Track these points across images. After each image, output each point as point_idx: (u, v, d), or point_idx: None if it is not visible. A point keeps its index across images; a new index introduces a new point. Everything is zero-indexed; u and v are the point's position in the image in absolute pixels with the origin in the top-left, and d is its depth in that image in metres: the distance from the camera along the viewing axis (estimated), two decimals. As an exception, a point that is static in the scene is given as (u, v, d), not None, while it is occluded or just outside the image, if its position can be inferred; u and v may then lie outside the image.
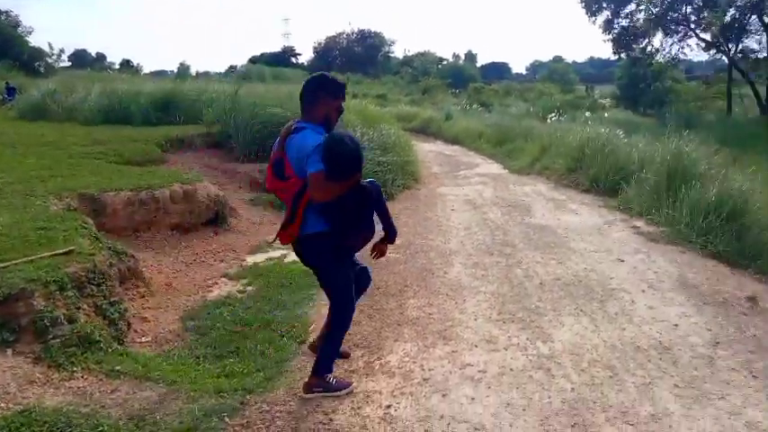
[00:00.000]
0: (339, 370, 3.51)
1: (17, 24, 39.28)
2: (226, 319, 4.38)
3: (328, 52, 55.65)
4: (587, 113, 16.78)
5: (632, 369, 3.48)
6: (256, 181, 8.88)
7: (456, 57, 65.79)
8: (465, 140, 17.11)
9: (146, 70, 45.20)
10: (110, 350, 3.41)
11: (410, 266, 5.52)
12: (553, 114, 17.09)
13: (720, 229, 5.95)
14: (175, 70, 36.14)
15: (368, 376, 3.44)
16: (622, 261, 5.62)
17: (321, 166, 2.77)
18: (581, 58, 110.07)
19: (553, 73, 49.86)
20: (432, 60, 56.41)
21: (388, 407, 3.07)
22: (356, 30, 57.16)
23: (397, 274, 5.31)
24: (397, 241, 6.33)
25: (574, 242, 6.32)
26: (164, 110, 12.39)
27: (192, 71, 34.81)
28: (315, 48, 56.61)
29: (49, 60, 38.96)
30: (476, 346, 3.79)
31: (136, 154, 8.68)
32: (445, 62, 58.74)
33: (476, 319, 4.24)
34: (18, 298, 3.25)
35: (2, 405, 2.67)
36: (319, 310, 4.61)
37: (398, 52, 66.72)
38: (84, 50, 52.89)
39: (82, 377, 3.08)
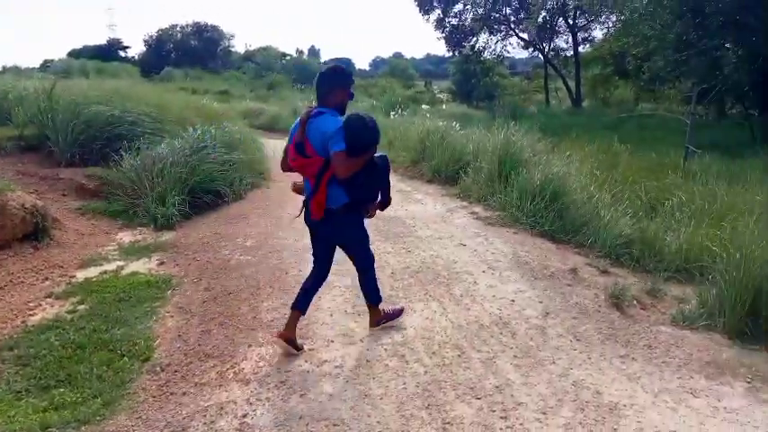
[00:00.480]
0: (188, 384, 3.30)
1: None
2: (53, 344, 3.88)
3: (162, 45, 51.96)
4: (425, 107, 17.65)
5: (477, 346, 3.73)
6: (83, 186, 8.01)
7: (299, 52, 65.40)
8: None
9: None
10: None
11: (263, 268, 5.37)
12: (396, 109, 17.75)
13: (545, 209, 6.63)
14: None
15: (221, 387, 3.27)
16: (464, 245, 6.02)
17: (343, 146, 3.25)
18: (419, 54, 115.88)
19: (394, 69, 51.84)
20: (274, 55, 55.39)
21: (244, 416, 2.95)
22: (191, 22, 54.12)
23: (249, 277, 5.13)
24: (248, 243, 6.18)
25: (420, 230, 6.63)
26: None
27: (-1, 66, 30.24)
28: (146, 41, 52.42)
29: None
30: (332, 342, 3.80)
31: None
32: (288, 57, 58.10)
33: (332, 315, 4.25)
34: None
35: None
36: (164, 322, 4.31)
37: (239, 47, 64.44)
38: None
39: None
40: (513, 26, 26.07)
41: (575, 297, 4.64)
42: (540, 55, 27.13)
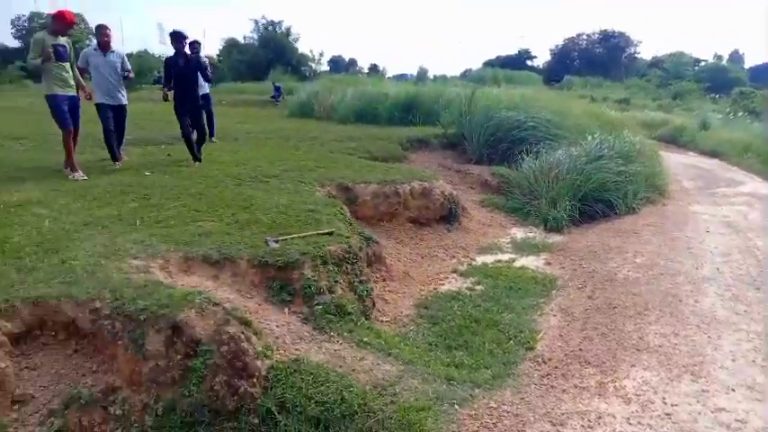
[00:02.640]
0: (567, 383, 3.43)
1: (288, 33, 45.82)
2: (456, 312, 4.58)
3: (566, 54, 53.43)
4: None
5: None
6: (487, 182, 9.04)
7: (717, 57, 57.50)
8: (726, 153, 14.87)
9: (389, 74, 49.07)
10: (358, 322, 3.85)
11: (653, 289, 5.06)
12: None
13: None
14: (415, 74, 38.47)
15: (600, 397, 3.29)
16: None
17: None
18: None
19: None
20: (686, 62, 50.15)
21: (623, 433, 2.90)
22: (598, 30, 53.80)
23: (636, 295, 4.92)
24: (637, 259, 5.91)
25: None
26: (406, 111, 13.35)
27: (430, 74, 36.64)
28: (552, 50, 54.85)
29: (312, 65, 44.69)
30: (733, 390, 3.33)
31: (381, 151, 9.52)
32: (703, 63, 51.75)
33: (733, 360, 3.72)
34: (294, 267, 3.88)
35: (280, 351, 3.23)
36: (547, 319, 4.55)
37: (646, 53, 60.80)
38: (339, 56, 59.55)
39: (337, 342, 3.53)
40: None
41: None
42: None
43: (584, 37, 54.26)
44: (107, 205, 4.93)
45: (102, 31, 6.98)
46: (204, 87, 9.26)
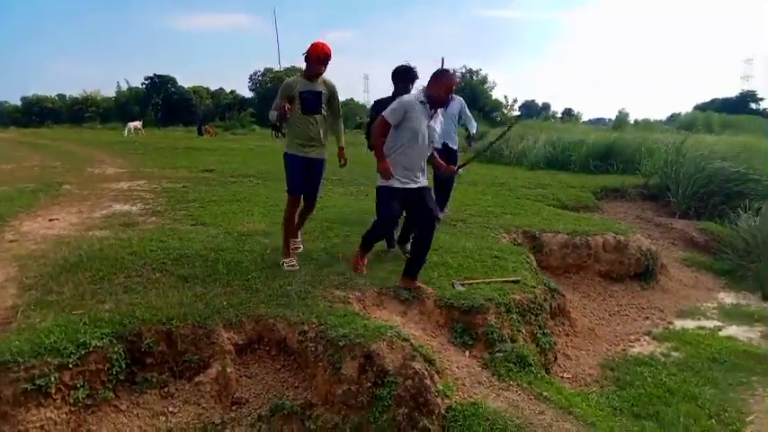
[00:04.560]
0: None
1: (484, 81, 46.91)
2: (646, 379, 4.27)
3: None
4: None
5: None
6: (693, 239, 8.22)
7: None
8: None
9: (584, 118, 47.20)
10: (538, 375, 3.81)
11: None
12: None
13: None
14: (613, 118, 36.40)
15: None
16: None
17: None
18: None
19: None
20: None
21: None
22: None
23: None
24: None
25: None
26: (602, 158, 12.79)
27: (631, 119, 34.32)
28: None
29: (504, 111, 45.07)
30: None
31: (572, 199, 9.27)
32: None
33: None
34: (478, 312, 4.02)
35: (459, 393, 3.37)
36: (761, 399, 3.99)
37: None
38: (532, 101, 58.97)
39: (516, 391, 3.55)
40: None
41: None
42: None
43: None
44: (315, 240, 5.60)
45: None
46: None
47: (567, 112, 50.30)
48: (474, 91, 43.01)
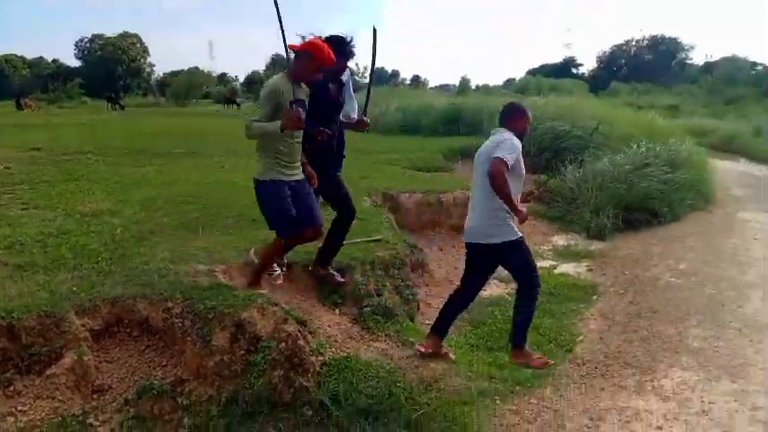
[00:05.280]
0: (606, 383, 3.56)
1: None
2: (497, 317, 4.75)
3: (614, 61, 52.41)
4: None
5: None
6: (530, 192, 9.11)
7: (776, 60, 55.22)
8: (783, 160, 14.46)
9: (431, 84, 49.40)
10: (404, 324, 4.09)
11: (695, 294, 5.10)
12: None
13: None
14: (457, 84, 38.62)
15: (638, 395, 3.40)
16: None
17: None
18: None
19: None
20: (741, 66, 48.35)
21: (659, 428, 3.02)
22: (647, 36, 52.56)
23: (678, 300, 4.97)
24: (681, 266, 5.91)
25: None
26: (448, 122, 13.57)
27: (473, 84, 36.69)
28: (599, 57, 53.90)
29: (357, 78, 45.48)
30: (773, 391, 3.39)
31: (424, 162, 9.77)
32: (760, 67, 49.77)
33: (775, 361, 3.76)
34: (345, 271, 4.16)
35: (333, 349, 3.50)
36: (587, 324, 4.67)
37: (698, 58, 58.89)
38: (381, 68, 60.25)
39: (384, 341, 3.78)
40: None
41: None
42: None
43: (633, 43, 53.11)
44: (170, 214, 5.33)
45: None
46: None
47: (416, 79, 52.26)
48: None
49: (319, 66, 3.42)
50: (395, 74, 56.77)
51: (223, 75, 51.94)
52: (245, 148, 11.25)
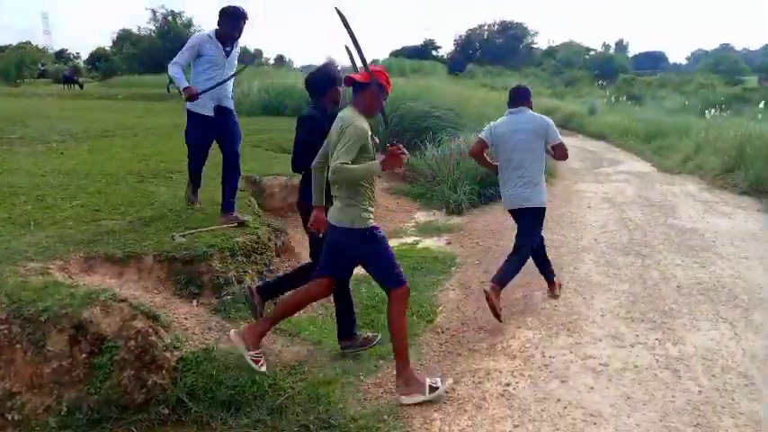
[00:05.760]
0: (462, 348, 3.79)
1: (190, 24, 43.74)
2: (363, 294, 4.83)
3: (469, 44, 55.37)
4: (762, 106, 14.34)
5: (773, 380, 3.31)
6: (393, 172, 9.37)
7: (605, 46, 62.08)
8: (610, 136, 16.30)
9: (296, 65, 48.56)
10: (269, 310, 3.99)
11: (540, 260, 5.59)
12: (716, 109, 15.49)
13: None
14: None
15: (489, 356, 3.66)
16: (778, 270, 5.19)
17: None
18: (755, 45, 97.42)
19: (719, 63, 44.96)
20: (577, 51, 53.69)
21: (507, 385, 3.27)
22: (498, 21, 56.21)
23: (525, 267, 5.40)
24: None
25: (722, 247, 5.91)
26: (313, 103, 13.43)
27: (338, 65, 36.55)
28: (455, 40, 56.60)
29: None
30: (600, 341, 3.83)
31: (289, 143, 9.57)
32: (593, 52, 55.61)
33: (603, 316, 4.25)
34: (201, 260, 3.95)
35: (190, 342, 3.32)
36: (447, 294, 4.92)
37: (542, 43, 64.26)
38: (244, 47, 57.98)
39: (247, 329, 3.66)
40: None
41: None
42: None
43: (486, 28, 56.44)
44: (-4, 209, 4.70)
45: None
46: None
47: (280, 59, 51.04)
48: (179, 35, 40.00)
49: (386, 97, 3.25)
50: (258, 53, 54.94)
51: (62, 51, 46.59)
52: (87, 132, 10.25)
